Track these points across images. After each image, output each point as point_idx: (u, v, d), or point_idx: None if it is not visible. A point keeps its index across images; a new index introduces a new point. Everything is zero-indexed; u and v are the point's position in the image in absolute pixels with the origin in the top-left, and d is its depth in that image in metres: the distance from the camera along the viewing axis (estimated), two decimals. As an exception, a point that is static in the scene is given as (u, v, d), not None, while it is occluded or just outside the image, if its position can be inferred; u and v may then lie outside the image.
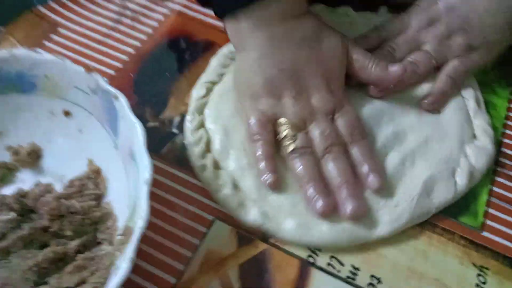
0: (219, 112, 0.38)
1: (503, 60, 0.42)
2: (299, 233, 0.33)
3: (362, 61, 0.37)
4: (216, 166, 0.36)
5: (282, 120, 0.35)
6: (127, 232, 0.28)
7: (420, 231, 0.35)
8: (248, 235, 0.34)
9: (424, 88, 0.40)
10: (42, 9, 0.46)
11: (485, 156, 0.37)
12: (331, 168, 0.34)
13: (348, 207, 0.32)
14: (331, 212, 0.33)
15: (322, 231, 0.33)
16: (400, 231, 0.34)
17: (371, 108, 0.38)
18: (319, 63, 0.36)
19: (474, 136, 0.38)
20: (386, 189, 0.35)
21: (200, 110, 0.39)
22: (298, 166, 0.34)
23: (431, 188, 0.35)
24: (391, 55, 0.40)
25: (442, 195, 0.35)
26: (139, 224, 0.27)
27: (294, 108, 0.35)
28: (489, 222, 0.35)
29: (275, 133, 0.36)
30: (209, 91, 0.40)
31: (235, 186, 0.35)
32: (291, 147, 0.34)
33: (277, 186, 0.34)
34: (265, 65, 0.35)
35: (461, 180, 0.35)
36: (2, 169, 0.35)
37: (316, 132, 0.35)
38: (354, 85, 0.39)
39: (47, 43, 0.44)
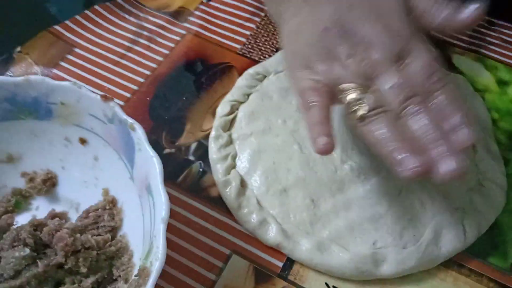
0: (249, 130, 0.38)
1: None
2: (312, 255, 0.33)
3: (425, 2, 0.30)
4: (241, 183, 0.36)
5: (343, 86, 0.29)
6: (143, 273, 0.27)
7: (446, 271, 0.33)
8: (265, 271, 0.33)
9: None
10: (59, 28, 0.46)
11: (493, 206, 0.35)
12: (415, 125, 0.27)
13: (450, 164, 0.26)
14: (426, 173, 0.26)
15: (332, 257, 0.32)
16: (406, 274, 0.33)
17: None
18: (367, 5, 0.30)
19: (481, 184, 0.36)
20: (397, 229, 0.33)
21: (224, 128, 0.38)
22: (374, 131, 0.27)
23: (439, 234, 0.33)
24: None
25: (451, 244, 0.33)
26: (156, 266, 0.26)
27: (352, 67, 0.29)
28: (519, 263, 0.34)
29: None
30: (233, 109, 0.40)
31: (258, 204, 0.35)
32: (360, 112, 0.28)
33: (328, 151, 0.27)
34: (305, 29, 0.31)
35: (470, 228, 0.33)
36: (16, 196, 0.35)
37: (385, 86, 0.28)
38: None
39: (63, 64, 0.44)
